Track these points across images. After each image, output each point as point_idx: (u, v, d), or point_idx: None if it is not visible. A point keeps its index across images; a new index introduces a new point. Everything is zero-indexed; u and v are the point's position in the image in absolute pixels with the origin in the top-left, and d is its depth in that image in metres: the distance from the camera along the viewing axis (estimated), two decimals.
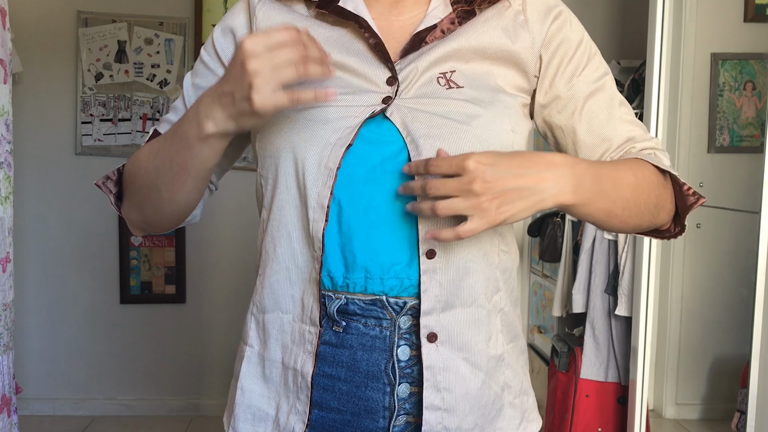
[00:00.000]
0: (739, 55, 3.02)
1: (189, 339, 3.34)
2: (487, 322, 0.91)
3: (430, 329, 0.87)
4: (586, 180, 0.83)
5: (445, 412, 0.88)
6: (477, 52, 0.91)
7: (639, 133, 0.96)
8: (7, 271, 1.61)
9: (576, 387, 2.51)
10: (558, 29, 0.94)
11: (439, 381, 0.88)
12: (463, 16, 0.91)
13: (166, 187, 0.90)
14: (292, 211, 0.90)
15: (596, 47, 0.98)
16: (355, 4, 0.91)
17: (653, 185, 0.91)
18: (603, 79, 0.96)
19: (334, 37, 0.91)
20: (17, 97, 2.91)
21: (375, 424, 0.90)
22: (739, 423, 2.60)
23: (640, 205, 0.90)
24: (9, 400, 1.65)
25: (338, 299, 0.88)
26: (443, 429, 0.88)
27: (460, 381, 0.89)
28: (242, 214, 3.25)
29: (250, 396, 0.94)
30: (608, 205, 0.86)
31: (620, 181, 0.87)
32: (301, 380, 0.90)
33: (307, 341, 0.90)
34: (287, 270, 0.91)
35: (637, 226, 0.93)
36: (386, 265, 0.87)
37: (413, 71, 0.88)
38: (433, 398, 0.88)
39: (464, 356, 0.89)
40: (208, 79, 0.96)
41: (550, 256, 2.84)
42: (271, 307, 0.92)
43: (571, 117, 0.95)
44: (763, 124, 2.96)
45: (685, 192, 0.94)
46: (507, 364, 0.94)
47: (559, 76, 0.94)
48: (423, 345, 0.87)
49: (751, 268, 2.10)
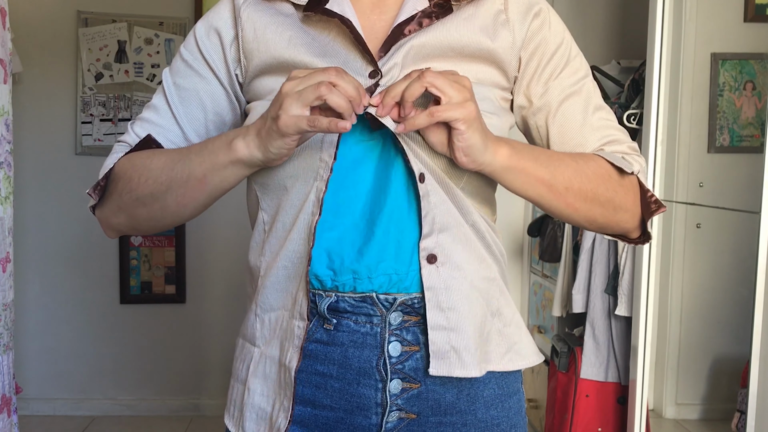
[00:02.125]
0: (739, 55, 3.01)
1: (189, 339, 3.35)
2: (476, 249, 0.91)
3: (429, 251, 0.88)
4: (518, 146, 0.87)
5: (452, 332, 0.88)
6: (455, 50, 0.91)
7: (613, 139, 0.96)
8: (7, 271, 1.61)
9: (576, 387, 2.51)
10: (537, 29, 0.94)
11: (441, 301, 0.88)
12: (440, 10, 0.91)
13: (176, 200, 0.90)
14: (292, 212, 0.90)
15: (577, 48, 0.97)
16: (342, 6, 0.91)
17: (603, 178, 0.91)
18: (580, 83, 0.96)
19: (319, 38, 0.91)
20: (17, 97, 2.91)
21: (368, 420, 0.90)
22: (739, 423, 2.60)
23: (587, 192, 0.89)
24: (9, 400, 1.64)
25: (328, 297, 0.89)
26: (451, 349, 0.88)
27: (463, 300, 0.89)
28: (242, 214, 3.24)
29: (253, 396, 0.95)
30: (546, 176, 0.87)
31: (557, 160, 0.89)
32: (287, 376, 0.91)
33: (295, 336, 0.90)
34: (285, 268, 0.91)
35: (589, 217, 0.92)
36: (373, 264, 0.88)
37: (395, 66, 0.89)
38: (438, 318, 0.88)
39: (463, 275, 0.89)
40: (191, 80, 0.96)
41: (550, 256, 2.84)
42: (276, 305, 0.93)
43: (545, 120, 0.96)
44: (763, 124, 2.96)
45: (648, 199, 0.94)
46: (500, 289, 0.94)
47: (535, 80, 0.95)
48: (423, 267, 0.87)
49: (751, 268, 2.10)
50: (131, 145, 0.97)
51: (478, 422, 0.94)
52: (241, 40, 0.94)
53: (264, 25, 0.93)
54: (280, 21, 0.93)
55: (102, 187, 0.95)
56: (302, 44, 0.90)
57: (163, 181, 0.90)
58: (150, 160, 0.92)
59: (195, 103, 0.97)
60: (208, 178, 0.88)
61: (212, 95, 0.96)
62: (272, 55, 0.91)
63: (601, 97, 0.98)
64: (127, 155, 0.95)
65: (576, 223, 0.94)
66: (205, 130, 0.98)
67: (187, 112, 0.96)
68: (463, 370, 0.88)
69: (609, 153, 0.94)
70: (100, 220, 0.99)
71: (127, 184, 0.93)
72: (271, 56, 0.92)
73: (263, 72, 0.93)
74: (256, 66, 0.93)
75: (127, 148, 0.98)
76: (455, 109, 0.79)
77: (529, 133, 0.99)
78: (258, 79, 0.94)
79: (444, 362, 0.88)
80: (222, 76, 0.96)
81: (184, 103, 0.97)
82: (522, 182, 0.87)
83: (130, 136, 0.98)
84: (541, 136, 0.97)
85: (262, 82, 0.93)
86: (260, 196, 0.94)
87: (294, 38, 0.91)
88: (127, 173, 0.93)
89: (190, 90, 0.97)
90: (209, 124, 0.98)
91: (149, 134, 0.96)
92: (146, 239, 3.28)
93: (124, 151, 0.98)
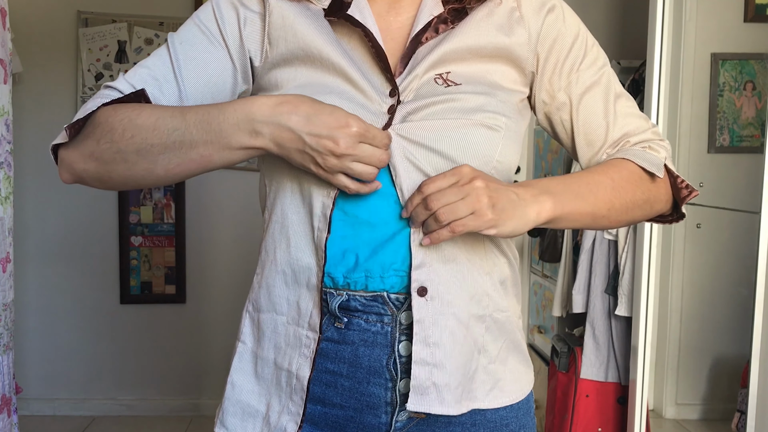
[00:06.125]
0: (739, 55, 3.01)
1: (189, 339, 3.35)
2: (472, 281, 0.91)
3: (421, 283, 0.87)
4: (557, 190, 0.86)
5: (434, 368, 0.88)
6: (472, 52, 0.91)
7: (635, 126, 0.97)
8: (7, 271, 1.61)
9: (576, 387, 2.51)
10: (552, 24, 0.94)
11: (428, 335, 0.88)
12: (455, 15, 0.91)
13: (166, 166, 0.86)
14: (294, 218, 0.90)
15: (593, 38, 0.98)
16: (363, 13, 0.91)
17: (636, 183, 0.92)
18: (600, 72, 0.96)
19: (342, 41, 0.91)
20: (17, 97, 2.91)
21: (377, 419, 0.91)
22: (739, 423, 2.60)
23: (627, 204, 0.91)
24: (9, 400, 1.65)
25: (339, 296, 0.89)
26: (432, 385, 0.88)
27: (449, 336, 0.88)
28: (242, 214, 3.25)
29: (240, 392, 0.95)
30: (590, 208, 0.89)
31: (595, 185, 0.90)
32: (296, 382, 0.91)
33: (303, 345, 0.90)
34: (283, 273, 0.91)
35: (631, 221, 0.95)
36: (386, 264, 0.88)
37: (414, 79, 0.89)
38: (423, 353, 0.87)
39: (452, 311, 0.89)
40: (202, 44, 0.93)
41: (550, 256, 2.84)
42: (267, 308, 0.93)
43: (568, 114, 0.96)
44: (763, 124, 2.96)
45: (679, 185, 0.97)
46: (488, 328, 0.93)
47: (557, 75, 0.95)
48: (414, 299, 0.87)
49: (751, 268, 2.10)
50: (120, 91, 0.92)
51: (488, 422, 0.94)
52: (268, 25, 0.92)
53: (294, 15, 0.92)
54: (309, 15, 0.92)
55: (78, 128, 0.90)
56: (329, 42, 0.90)
57: (154, 144, 0.85)
58: (138, 116, 0.86)
59: (200, 66, 0.92)
60: (215, 157, 0.85)
61: (219, 64, 0.93)
62: (300, 46, 0.90)
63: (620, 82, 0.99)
64: (113, 104, 0.90)
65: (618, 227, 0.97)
66: (201, 95, 0.92)
67: (189, 72, 0.92)
68: (442, 407, 0.88)
69: (635, 151, 0.95)
70: (62, 161, 0.91)
71: (108, 134, 0.87)
72: (298, 46, 0.90)
73: (286, 61, 0.91)
74: (281, 53, 0.92)
75: (114, 93, 0.92)
76: (472, 222, 0.80)
77: (554, 128, 0.99)
78: (279, 68, 0.92)
79: (423, 398, 0.87)
80: (234, 51, 0.93)
81: (189, 63, 0.92)
82: (568, 223, 0.89)
83: (120, 82, 0.92)
84: (566, 130, 0.98)
85: (281, 73, 0.92)
86: (268, 192, 0.94)
87: (322, 35, 0.90)
88: (109, 122, 0.87)
89: (198, 51, 0.93)
90: (206, 90, 0.93)
91: (143, 89, 0.90)
92: (146, 239, 3.27)
93: (110, 96, 0.91)
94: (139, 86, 0.91)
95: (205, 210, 3.29)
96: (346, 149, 0.80)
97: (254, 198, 3.24)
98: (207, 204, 3.27)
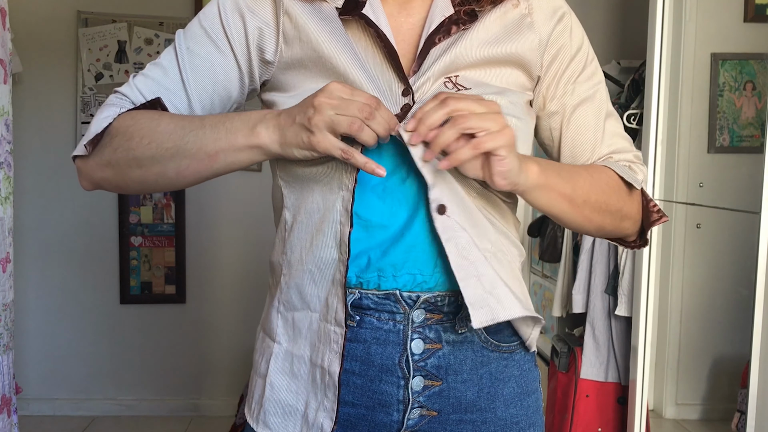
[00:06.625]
0: (739, 55, 3.01)
1: (189, 339, 3.35)
2: (480, 221, 0.91)
3: (439, 201, 0.87)
4: (542, 163, 0.88)
5: (479, 279, 0.88)
6: (483, 56, 0.92)
7: (620, 146, 0.99)
8: (7, 271, 1.61)
9: (576, 387, 2.51)
10: (560, 33, 0.96)
11: (462, 248, 0.87)
12: (467, 18, 0.92)
13: (178, 169, 0.89)
14: (317, 216, 0.91)
15: (593, 53, 1.00)
16: (376, 13, 0.92)
17: (613, 189, 0.94)
18: (595, 88, 0.98)
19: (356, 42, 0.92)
20: (17, 97, 2.91)
21: (389, 417, 0.91)
22: (739, 423, 2.60)
23: (601, 204, 0.92)
24: (9, 400, 1.65)
25: (352, 294, 0.90)
26: (487, 293, 0.87)
27: (474, 247, 0.88)
28: (242, 214, 3.25)
29: (279, 391, 0.95)
30: (569, 191, 0.89)
31: (576, 174, 0.91)
32: (328, 378, 0.91)
33: (332, 341, 0.91)
34: (311, 272, 0.92)
35: (600, 226, 0.95)
36: (399, 263, 0.89)
37: (428, 80, 0.90)
38: (465, 265, 0.87)
39: (470, 233, 0.89)
40: (207, 49, 0.94)
41: (550, 257, 2.84)
42: (300, 306, 0.94)
43: (558, 123, 0.98)
44: (763, 124, 2.96)
45: (651, 208, 0.98)
46: (496, 256, 0.93)
47: (554, 83, 0.97)
48: (436, 219, 0.87)
49: (751, 268, 2.10)
50: (132, 100, 0.94)
51: (498, 420, 0.95)
52: (282, 24, 0.93)
53: (307, 16, 0.92)
54: (322, 17, 0.92)
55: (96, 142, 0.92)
56: (342, 45, 0.90)
57: (168, 148, 0.88)
58: (157, 123, 0.89)
59: (207, 73, 0.94)
60: (220, 156, 0.87)
61: (226, 69, 0.95)
62: (313, 48, 0.91)
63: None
64: (131, 112, 0.92)
65: (586, 232, 0.96)
66: (210, 103, 0.95)
67: (197, 81, 0.94)
68: (505, 311, 0.87)
69: (617, 164, 0.97)
70: (81, 171, 0.95)
71: (126, 142, 0.90)
72: (312, 49, 0.91)
73: (299, 64, 0.92)
74: (295, 55, 0.92)
75: (126, 102, 0.95)
76: (497, 138, 0.79)
77: (539, 133, 1.00)
78: (291, 70, 0.93)
79: (484, 310, 0.86)
80: (239, 53, 0.94)
81: (196, 71, 0.94)
82: (548, 198, 0.88)
83: (131, 90, 0.95)
84: (553, 138, 0.99)
85: (293, 76, 0.93)
86: (285, 193, 0.94)
87: (334, 38, 0.91)
88: (128, 130, 0.90)
89: (204, 59, 0.94)
90: (215, 97, 0.96)
91: (159, 98, 0.93)
92: (146, 239, 3.28)
93: (122, 105, 0.94)
94: (150, 96, 0.93)
95: (205, 210, 3.29)
96: (322, 99, 0.80)
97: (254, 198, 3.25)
98: (207, 204, 3.28)
